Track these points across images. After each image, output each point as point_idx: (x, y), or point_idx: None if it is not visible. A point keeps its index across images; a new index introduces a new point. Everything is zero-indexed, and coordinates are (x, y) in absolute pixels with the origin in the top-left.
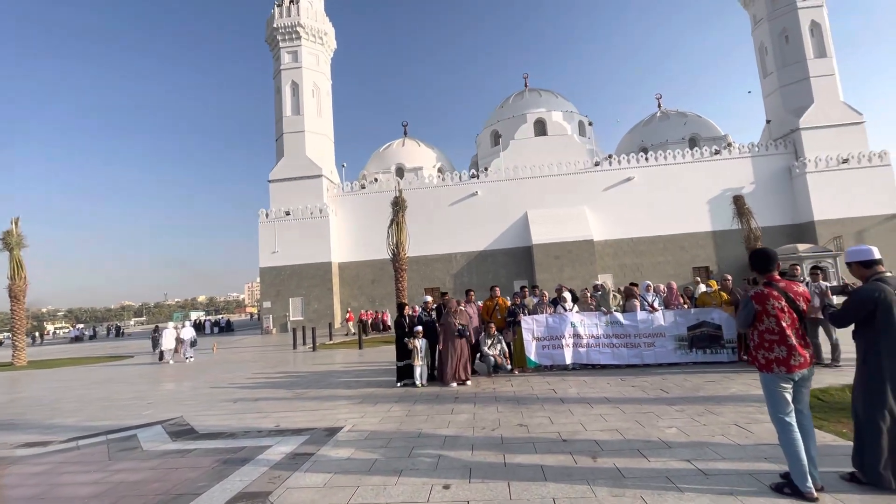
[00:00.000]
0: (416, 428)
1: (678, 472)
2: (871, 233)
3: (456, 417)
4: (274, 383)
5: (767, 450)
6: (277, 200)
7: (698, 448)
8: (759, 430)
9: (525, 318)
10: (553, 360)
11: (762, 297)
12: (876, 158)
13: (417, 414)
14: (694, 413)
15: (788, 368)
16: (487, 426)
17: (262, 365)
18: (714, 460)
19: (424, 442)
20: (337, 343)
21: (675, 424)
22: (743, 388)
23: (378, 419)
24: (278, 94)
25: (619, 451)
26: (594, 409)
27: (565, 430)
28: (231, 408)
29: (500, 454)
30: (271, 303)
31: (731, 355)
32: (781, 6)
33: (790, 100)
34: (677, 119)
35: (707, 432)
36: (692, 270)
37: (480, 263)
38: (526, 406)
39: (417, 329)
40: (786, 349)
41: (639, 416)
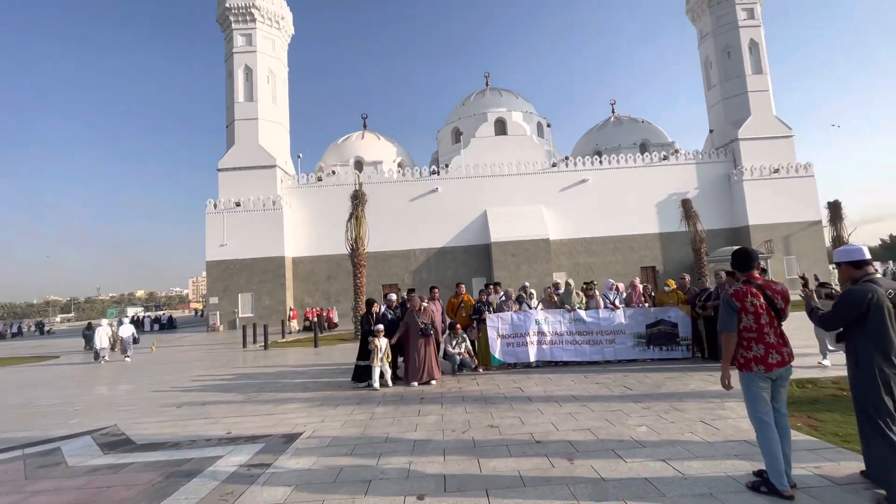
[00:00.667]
0: (381, 432)
1: (656, 473)
2: (796, 237)
3: (423, 419)
4: (223, 385)
5: (736, 446)
6: (227, 190)
7: (670, 447)
8: (724, 427)
9: (490, 315)
10: (517, 357)
11: (741, 294)
12: (802, 170)
13: (382, 417)
14: (660, 410)
15: (767, 367)
16: (457, 428)
17: (210, 365)
18: (688, 459)
19: (392, 447)
20: (290, 341)
21: (645, 423)
22: (701, 385)
23: (340, 423)
24: (230, 79)
25: (594, 451)
26: (563, 408)
27: (537, 431)
28: (175, 413)
29: (473, 459)
30: (219, 298)
31: (685, 352)
32: (725, 24)
33: (731, 112)
34: (630, 124)
35: (676, 430)
36: (640, 270)
37: (440, 260)
38: (494, 406)
39: (378, 328)
40: (763, 347)
41: (608, 414)
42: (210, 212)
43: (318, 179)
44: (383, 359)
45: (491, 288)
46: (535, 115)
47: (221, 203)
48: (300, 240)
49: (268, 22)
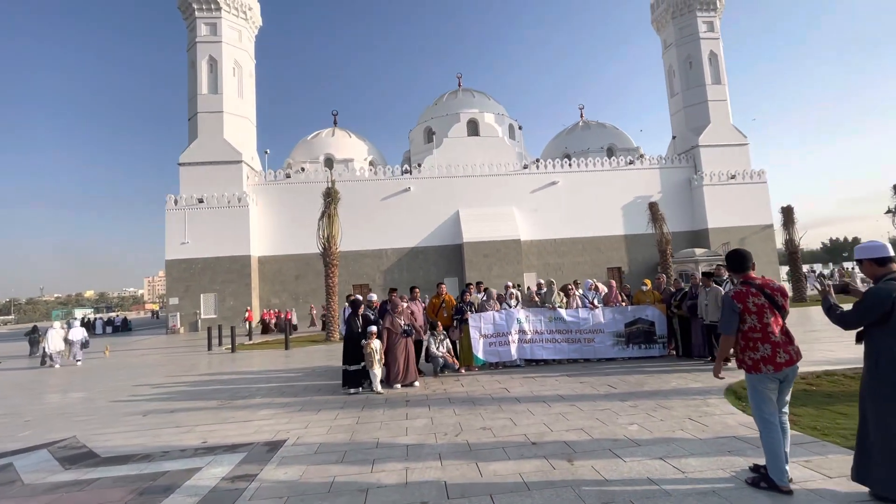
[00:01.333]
0: (371, 437)
1: (657, 472)
2: (750, 240)
3: (413, 423)
4: (191, 391)
5: (727, 443)
6: (189, 186)
7: (664, 444)
8: (711, 424)
9: (473, 315)
10: (500, 356)
11: (742, 296)
12: (756, 176)
13: (369, 421)
14: (648, 409)
15: (776, 367)
16: (449, 431)
17: (173, 370)
18: (684, 456)
19: (385, 453)
20: (258, 343)
21: (635, 421)
22: (682, 383)
23: (325, 429)
24: (192, 69)
25: (591, 451)
26: (552, 408)
27: (532, 432)
28: (141, 422)
29: (472, 463)
30: (179, 299)
31: (661, 350)
32: (687, 35)
33: (692, 119)
34: (597, 129)
35: (666, 428)
36: (607, 271)
37: (412, 260)
38: (483, 407)
39: (371, 329)
40: (770, 347)
41: (597, 413)
42: (170, 208)
43: (286, 176)
44: (379, 361)
45: (472, 287)
46: (506, 116)
47: (183, 199)
48: (267, 238)
49: (234, 12)
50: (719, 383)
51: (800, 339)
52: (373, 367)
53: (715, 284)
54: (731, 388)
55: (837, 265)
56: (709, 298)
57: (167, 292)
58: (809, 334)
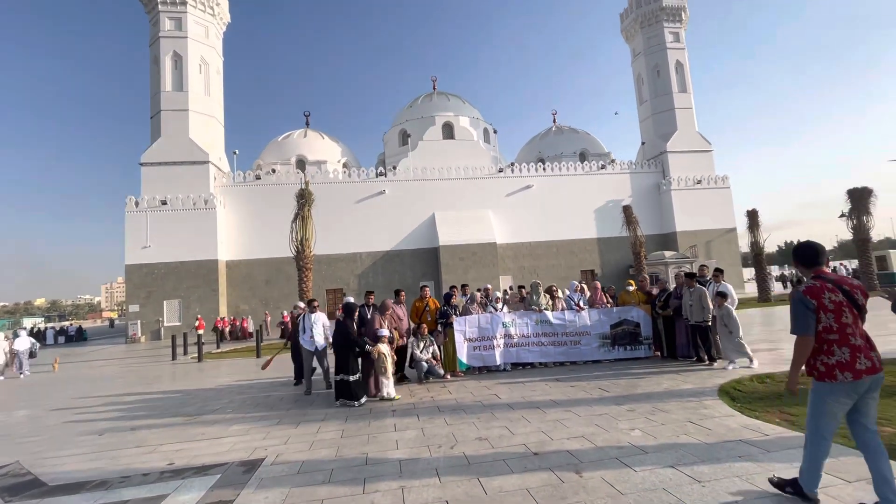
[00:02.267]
0: (359, 452)
1: (671, 482)
2: (715, 242)
3: (402, 435)
4: (154, 405)
5: (735, 447)
6: (151, 187)
7: (672, 451)
8: (714, 427)
9: (458, 319)
10: (484, 361)
11: (817, 291)
12: (720, 181)
13: (354, 434)
14: (645, 412)
15: (855, 374)
16: (444, 443)
17: (133, 382)
18: (695, 464)
19: (377, 471)
20: (227, 351)
21: (636, 426)
22: (674, 384)
23: (307, 444)
24: (155, 65)
25: (598, 461)
26: (548, 415)
27: (531, 442)
28: (97, 443)
29: (473, 478)
30: (140, 306)
31: (647, 351)
32: (654, 45)
33: (660, 126)
34: (570, 134)
35: (669, 432)
36: (580, 273)
37: (387, 263)
38: (475, 415)
39: (383, 333)
40: (849, 350)
41: (596, 419)
42: (131, 210)
43: (256, 178)
44: (391, 367)
45: (455, 290)
46: (481, 120)
47: (145, 201)
48: (235, 242)
49: (200, 7)
50: (711, 384)
51: (771, 338)
52: (384, 374)
53: (698, 285)
54: (723, 389)
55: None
56: (693, 299)
57: (127, 299)
58: (782, 332)
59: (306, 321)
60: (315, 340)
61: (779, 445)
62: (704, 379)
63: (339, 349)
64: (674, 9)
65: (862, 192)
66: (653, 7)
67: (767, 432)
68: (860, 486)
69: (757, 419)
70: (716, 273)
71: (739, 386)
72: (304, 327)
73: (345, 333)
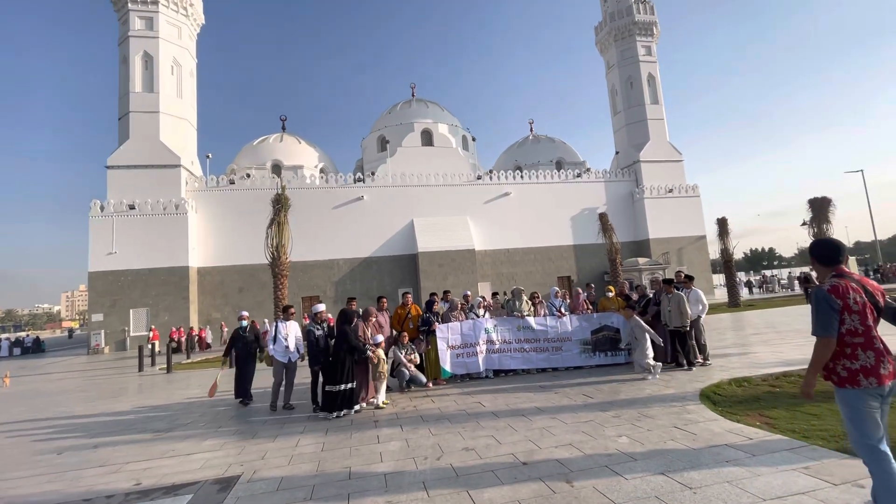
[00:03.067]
0: (341, 466)
1: (663, 489)
2: (686, 250)
3: (386, 447)
4: (119, 421)
5: (722, 452)
6: (119, 191)
7: (660, 457)
8: (699, 432)
9: (440, 326)
10: (467, 368)
11: (842, 291)
12: (690, 190)
13: (335, 447)
14: (631, 419)
15: (880, 379)
16: (429, 455)
17: (96, 396)
18: (685, 470)
19: (361, 485)
20: (198, 362)
21: (623, 433)
22: (656, 389)
23: (285, 459)
24: (124, 65)
25: (588, 469)
26: (534, 423)
27: (519, 451)
28: (56, 462)
29: (462, 491)
30: (104, 315)
31: (627, 357)
32: (628, 57)
33: (633, 136)
34: (547, 143)
35: (656, 438)
36: (557, 279)
37: (365, 270)
38: (460, 425)
39: (378, 339)
40: (874, 355)
41: (582, 426)
42: (95, 215)
43: (230, 182)
44: (381, 375)
45: (437, 297)
46: (460, 128)
47: (111, 205)
48: (208, 248)
49: (173, 6)
50: (692, 388)
51: (744, 342)
52: (380, 379)
53: (676, 290)
54: (704, 393)
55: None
56: (672, 304)
57: (89, 308)
58: (753, 336)
59: (279, 329)
60: (288, 351)
61: (763, 449)
62: (684, 384)
63: (334, 358)
64: (646, 23)
65: (822, 201)
66: (626, 21)
67: (751, 436)
68: (847, 489)
69: (739, 423)
70: (686, 279)
71: (719, 390)
72: (274, 336)
73: (344, 340)
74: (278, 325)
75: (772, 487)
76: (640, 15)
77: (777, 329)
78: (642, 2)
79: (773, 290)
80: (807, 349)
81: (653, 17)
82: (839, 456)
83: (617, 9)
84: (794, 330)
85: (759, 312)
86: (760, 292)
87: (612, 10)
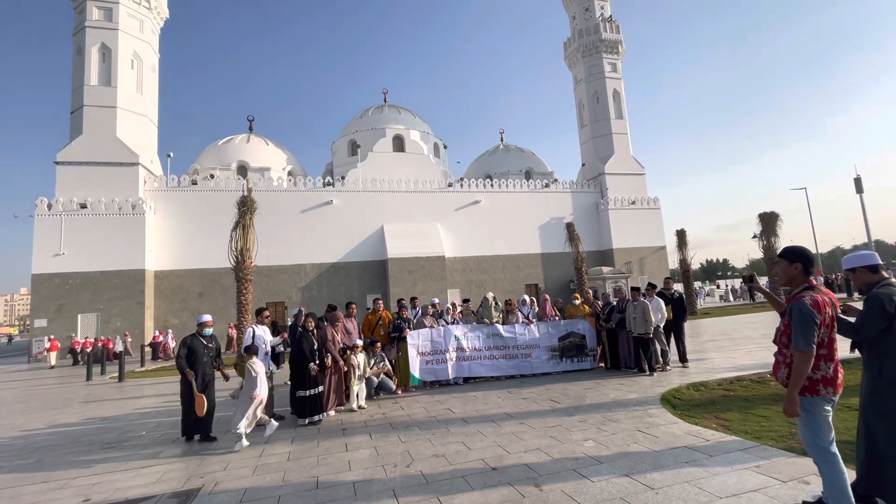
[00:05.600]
0: (308, 476)
1: (627, 490)
2: (647, 260)
3: (355, 455)
4: (65, 433)
5: (681, 454)
6: (69, 188)
7: (624, 460)
8: (661, 435)
9: (411, 332)
10: (436, 375)
11: (822, 305)
12: (651, 202)
13: (302, 456)
14: (597, 423)
15: (836, 389)
16: (399, 462)
17: (40, 407)
18: (647, 471)
19: (329, 495)
20: (152, 370)
21: (589, 437)
22: (619, 394)
23: (250, 470)
24: (79, 56)
25: (556, 473)
26: (503, 428)
27: (489, 456)
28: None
29: (433, 498)
30: (48, 321)
31: (592, 362)
32: (594, 73)
33: (599, 149)
34: (517, 153)
35: (621, 441)
36: (525, 287)
37: (333, 276)
38: (430, 431)
39: (357, 343)
40: (832, 365)
41: (550, 430)
42: (41, 213)
43: (192, 183)
44: (362, 376)
45: (404, 303)
46: (431, 135)
47: (59, 203)
48: (166, 250)
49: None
50: (654, 393)
51: (698, 348)
52: (353, 383)
53: (642, 298)
54: (664, 397)
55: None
56: (637, 311)
57: (32, 313)
58: (709, 343)
59: (257, 336)
60: (268, 358)
61: (719, 450)
62: (647, 388)
63: (294, 363)
64: (612, 42)
65: (770, 216)
66: (593, 38)
67: (708, 437)
68: (794, 485)
69: (697, 425)
70: (649, 288)
71: (678, 394)
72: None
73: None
74: (255, 331)
75: (727, 486)
76: (607, 33)
77: (730, 336)
78: (609, 21)
79: (728, 300)
80: (758, 355)
81: (618, 35)
82: (787, 455)
83: (585, 26)
84: (746, 337)
85: (714, 320)
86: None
87: (581, 28)
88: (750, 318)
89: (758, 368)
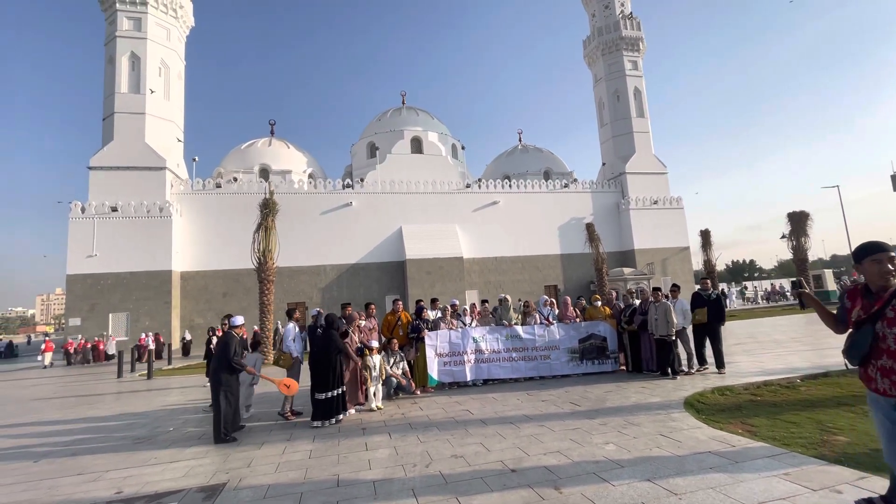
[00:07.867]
0: (329, 474)
1: (649, 495)
2: (670, 261)
3: (374, 454)
4: (98, 427)
5: (706, 459)
6: (101, 192)
7: (646, 464)
8: (684, 439)
9: (429, 333)
10: (454, 377)
11: None
12: (674, 202)
13: (323, 454)
14: (618, 426)
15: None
16: (418, 462)
17: (73, 403)
18: (670, 476)
19: (350, 493)
20: (179, 368)
21: (610, 440)
22: (641, 397)
23: (272, 466)
24: (110, 65)
25: (576, 476)
26: (522, 430)
27: (508, 458)
28: (33, 471)
29: (452, 498)
30: (82, 319)
31: (614, 364)
32: (615, 71)
33: (620, 148)
34: (535, 153)
35: (642, 445)
36: (544, 288)
37: (352, 277)
38: (449, 432)
39: (373, 344)
40: None
41: (570, 433)
42: (76, 217)
43: (216, 186)
44: (378, 377)
45: (423, 304)
46: (449, 136)
47: (92, 207)
48: (192, 252)
49: (162, 8)
50: (677, 397)
51: (727, 351)
52: (370, 384)
53: (665, 300)
54: (688, 401)
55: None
56: (658, 313)
57: (66, 312)
58: (735, 346)
59: (287, 333)
60: None
61: (745, 456)
62: (669, 392)
63: (313, 364)
64: (632, 39)
65: (800, 215)
66: (613, 36)
67: (734, 443)
68: (825, 494)
69: (722, 430)
70: (673, 289)
71: (703, 398)
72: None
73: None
74: (289, 328)
75: (754, 493)
76: (627, 30)
77: (757, 339)
78: (629, 18)
79: (756, 302)
80: (786, 359)
81: (639, 32)
82: (818, 462)
83: (605, 24)
84: (774, 340)
85: (741, 323)
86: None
87: (600, 25)
88: (777, 321)
89: (787, 373)
